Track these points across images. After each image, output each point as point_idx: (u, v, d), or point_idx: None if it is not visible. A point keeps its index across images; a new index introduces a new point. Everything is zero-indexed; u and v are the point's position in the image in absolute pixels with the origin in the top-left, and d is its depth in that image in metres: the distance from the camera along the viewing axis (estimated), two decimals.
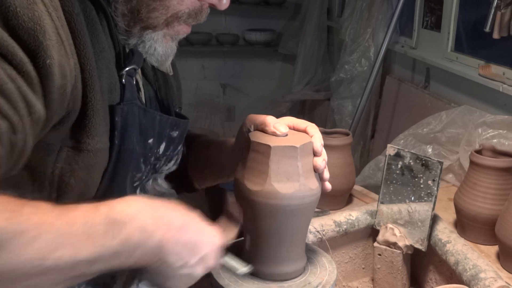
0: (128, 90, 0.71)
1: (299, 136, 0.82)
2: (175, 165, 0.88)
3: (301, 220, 0.80)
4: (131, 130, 0.71)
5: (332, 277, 0.84)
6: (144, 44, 0.75)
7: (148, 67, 0.85)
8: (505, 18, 1.64)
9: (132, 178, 0.75)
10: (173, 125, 0.81)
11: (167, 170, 0.86)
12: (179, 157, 0.87)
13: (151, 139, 0.76)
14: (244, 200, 0.79)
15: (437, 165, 1.13)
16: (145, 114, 0.75)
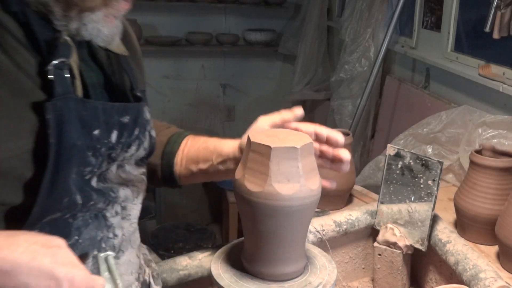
0: (59, 85, 0.68)
1: (299, 136, 0.82)
2: (142, 151, 0.84)
3: (302, 221, 0.80)
4: (69, 125, 0.68)
5: (332, 277, 0.84)
6: (86, 27, 0.73)
7: (101, 51, 0.83)
8: (505, 18, 1.64)
9: (80, 173, 0.72)
10: (121, 111, 0.77)
11: (132, 156, 0.82)
12: (142, 142, 0.83)
13: (96, 130, 0.73)
14: (244, 201, 0.79)
15: (437, 165, 1.13)
16: (84, 106, 0.71)
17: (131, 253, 0.82)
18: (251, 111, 4.06)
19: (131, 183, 0.82)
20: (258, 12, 3.88)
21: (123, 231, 0.80)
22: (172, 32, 3.82)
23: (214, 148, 0.97)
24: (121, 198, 0.79)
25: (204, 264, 1.02)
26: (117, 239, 0.78)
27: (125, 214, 0.81)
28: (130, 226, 0.82)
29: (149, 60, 3.86)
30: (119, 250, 0.79)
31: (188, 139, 1.03)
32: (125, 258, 0.81)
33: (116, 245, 0.78)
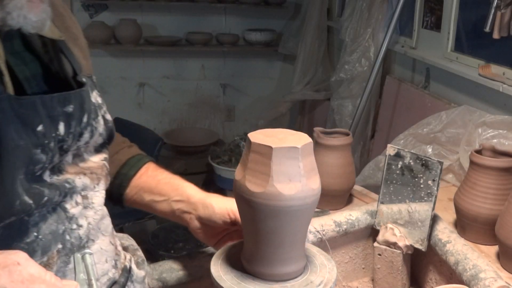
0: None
1: (298, 136, 0.81)
2: (98, 137, 0.81)
3: (303, 220, 0.80)
4: (6, 126, 0.65)
5: (332, 275, 0.84)
6: (11, 15, 0.69)
7: (36, 39, 0.78)
8: (505, 18, 1.64)
9: (30, 172, 0.69)
10: (63, 100, 0.73)
11: (87, 144, 0.79)
12: (95, 128, 0.80)
13: (39, 126, 0.69)
14: (245, 201, 0.79)
15: (437, 165, 1.13)
16: (20, 103, 0.67)
17: (103, 241, 0.80)
18: (251, 111, 4.07)
19: (89, 171, 0.79)
20: (258, 12, 3.88)
21: (87, 220, 0.77)
22: (172, 32, 3.82)
23: (177, 187, 0.96)
24: (79, 187, 0.77)
25: (204, 264, 1.02)
26: (82, 229, 0.76)
27: (87, 203, 0.78)
28: (96, 214, 0.79)
29: (149, 60, 3.86)
30: (88, 240, 0.77)
31: (148, 167, 1.01)
32: (96, 246, 0.78)
33: (83, 235, 0.76)
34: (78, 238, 0.75)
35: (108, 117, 0.85)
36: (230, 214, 0.89)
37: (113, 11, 3.69)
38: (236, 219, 0.88)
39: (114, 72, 3.83)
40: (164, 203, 0.96)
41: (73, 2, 3.61)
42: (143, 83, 3.90)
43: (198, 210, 0.92)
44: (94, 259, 0.77)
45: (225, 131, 4.15)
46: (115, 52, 3.79)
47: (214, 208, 0.90)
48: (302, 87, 3.49)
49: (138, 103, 3.95)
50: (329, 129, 1.48)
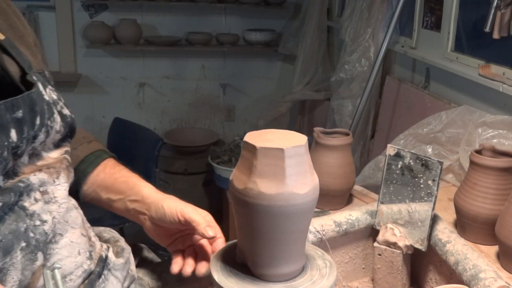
0: None
1: (297, 136, 0.81)
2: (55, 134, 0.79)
3: (301, 221, 0.80)
4: None
5: (332, 275, 0.84)
6: None
7: None
8: (505, 18, 1.64)
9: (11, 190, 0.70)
10: (10, 107, 0.69)
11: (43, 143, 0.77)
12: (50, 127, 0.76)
13: None
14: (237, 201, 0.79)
15: (437, 165, 1.13)
16: None
17: (73, 233, 0.79)
18: (251, 111, 4.07)
19: (46, 167, 0.77)
20: (258, 12, 3.88)
21: (52, 214, 0.76)
22: (172, 32, 3.82)
23: (133, 186, 0.95)
24: (36, 184, 0.74)
25: None
26: (47, 224, 0.74)
27: (48, 198, 0.76)
28: (60, 207, 0.77)
29: (149, 60, 3.86)
30: (55, 234, 0.76)
31: (107, 164, 1.00)
32: (66, 240, 0.77)
33: (48, 230, 0.74)
34: (43, 233, 0.74)
35: (66, 112, 0.81)
36: (180, 216, 0.88)
37: (113, 11, 3.69)
38: (186, 221, 0.88)
39: (114, 72, 3.83)
40: (119, 202, 0.95)
41: (73, 2, 3.61)
42: (143, 83, 3.90)
43: (151, 211, 0.91)
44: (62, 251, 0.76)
45: (225, 131, 4.15)
46: (115, 52, 3.79)
47: (165, 210, 0.89)
48: (302, 87, 3.49)
49: (138, 103, 3.95)
50: (329, 129, 1.48)
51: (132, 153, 2.88)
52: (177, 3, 3.67)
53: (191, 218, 0.87)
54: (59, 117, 0.78)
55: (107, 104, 3.86)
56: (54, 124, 0.77)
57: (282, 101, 3.56)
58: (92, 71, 3.79)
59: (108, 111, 3.76)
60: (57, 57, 3.66)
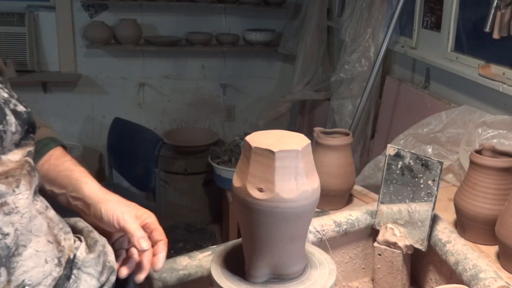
0: None
1: (298, 137, 0.81)
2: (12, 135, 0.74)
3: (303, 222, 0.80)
4: None
5: (332, 275, 0.84)
6: None
7: None
8: (505, 18, 1.64)
9: None
10: None
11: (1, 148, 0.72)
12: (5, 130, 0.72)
13: None
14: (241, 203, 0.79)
15: (437, 165, 1.13)
16: None
17: (37, 242, 0.75)
18: (251, 111, 4.07)
19: (4, 176, 0.72)
20: (258, 12, 3.88)
21: (14, 226, 0.71)
22: (172, 32, 3.82)
23: (76, 182, 0.91)
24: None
25: (204, 264, 1.02)
26: (9, 237, 0.70)
27: (9, 209, 0.71)
28: (22, 218, 0.73)
29: (149, 60, 3.86)
30: (17, 247, 0.71)
31: (52, 154, 0.96)
32: (30, 250, 0.73)
33: (10, 243, 0.70)
34: (5, 248, 0.69)
35: (21, 109, 0.76)
36: (115, 224, 0.85)
37: (113, 11, 3.69)
38: (122, 226, 0.85)
39: (114, 72, 3.83)
40: (62, 196, 0.93)
41: (73, 2, 3.61)
42: (143, 83, 3.90)
43: (90, 212, 0.89)
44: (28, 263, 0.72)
45: (225, 131, 4.15)
46: (115, 52, 3.79)
47: (102, 214, 0.87)
48: (302, 87, 3.49)
49: (138, 103, 3.95)
50: (329, 129, 1.48)
51: (132, 153, 2.88)
52: (177, 3, 3.67)
53: (126, 227, 0.85)
54: (13, 117, 0.73)
55: (107, 104, 3.86)
56: (8, 127, 0.72)
57: (282, 101, 3.56)
58: (92, 71, 3.79)
59: (108, 111, 3.76)
60: (57, 57, 3.66)
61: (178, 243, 2.88)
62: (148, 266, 0.86)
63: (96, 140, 3.90)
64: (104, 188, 0.93)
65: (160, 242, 0.88)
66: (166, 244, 0.89)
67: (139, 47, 3.73)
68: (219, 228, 3.48)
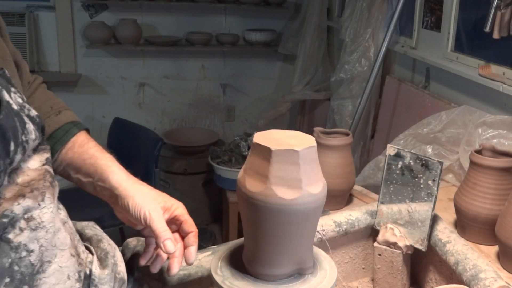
0: None
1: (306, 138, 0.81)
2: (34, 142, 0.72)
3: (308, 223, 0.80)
4: None
5: (332, 275, 0.84)
6: None
7: None
8: (505, 18, 1.64)
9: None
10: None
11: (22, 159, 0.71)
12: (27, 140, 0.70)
13: None
14: (246, 201, 0.79)
15: (437, 165, 1.13)
16: None
17: (62, 257, 0.73)
18: (251, 111, 4.07)
19: (29, 189, 0.69)
20: (258, 12, 3.88)
21: (39, 242, 0.69)
22: (172, 32, 3.82)
23: (102, 171, 0.88)
24: (19, 213, 0.67)
25: (204, 264, 1.02)
26: (33, 255, 0.68)
27: (35, 224, 0.69)
28: (47, 233, 0.70)
29: (149, 60, 3.86)
30: (42, 264, 0.69)
31: (76, 141, 0.92)
32: (54, 266, 0.71)
33: (35, 261, 0.68)
34: (29, 265, 0.67)
35: (33, 113, 0.73)
36: (143, 221, 0.83)
37: (113, 11, 3.69)
38: (149, 226, 0.82)
39: (114, 72, 3.83)
40: (89, 184, 0.89)
41: (73, 2, 3.61)
42: (143, 83, 3.90)
43: (117, 203, 0.86)
44: (50, 279, 0.70)
45: (225, 131, 4.15)
46: (115, 52, 3.79)
47: (129, 209, 0.84)
48: (302, 87, 3.49)
49: (138, 103, 3.95)
50: (329, 129, 1.48)
51: (132, 153, 2.87)
52: (177, 3, 3.67)
53: (153, 226, 0.82)
54: (30, 123, 0.71)
55: (107, 104, 3.86)
56: (29, 136, 0.70)
57: (282, 101, 3.56)
58: (92, 71, 3.79)
59: (108, 111, 3.76)
60: (57, 57, 3.66)
61: None
62: (180, 259, 0.85)
63: (96, 140, 3.89)
64: (132, 176, 0.90)
65: (191, 234, 0.86)
66: (197, 236, 0.87)
67: (139, 47, 3.73)
68: (219, 228, 3.48)
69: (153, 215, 0.82)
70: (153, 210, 0.83)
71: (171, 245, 0.81)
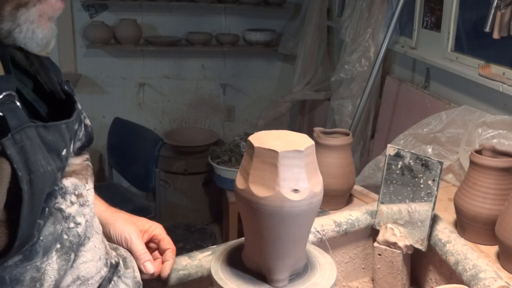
0: (12, 117, 0.63)
1: (301, 138, 0.81)
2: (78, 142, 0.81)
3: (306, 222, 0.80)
4: (34, 155, 0.64)
5: (332, 275, 0.84)
6: (21, 28, 0.67)
7: (18, 53, 0.76)
8: (505, 18, 1.64)
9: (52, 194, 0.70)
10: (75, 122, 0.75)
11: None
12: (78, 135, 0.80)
13: (63, 150, 0.71)
14: (245, 203, 0.79)
15: (437, 165, 1.13)
16: (47, 131, 0.67)
17: (97, 239, 0.80)
18: (251, 111, 4.07)
19: (75, 173, 0.78)
20: (258, 12, 3.88)
21: (85, 217, 0.77)
22: (172, 32, 3.82)
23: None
24: (70, 188, 0.75)
25: (204, 264, 1.02)
26: (80, 227, 0.75)
27: (83, 201, 0.77)
28: (91, 211, 0.79)
29: (149, 60, 3.86)
30: (84, 238, 0.77)
31: None
32: (91, 244, 0.79)
33: (81, 233, 0.75)
34: (76, 235, 0.74)
35: (88, 122, 0.84)
36: (124, 243, 0.92)
37: (113, 11, 3.69)
38: (130, 249, 0.91)
39: (114, 72, 3.83)
40: None
41: (73, 2, 3.61)
42: (143, 83, 3.90)
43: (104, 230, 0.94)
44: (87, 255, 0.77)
45: (225, 131, 4.15)
46: (115, 52, 3.79)
47: (111, 236, 0.92)
48: (302, 87, 3.49)
49: (138, 103, 3.95)
50: (329, 129, 1.48)
51: (132, 153, 2.88)
52: (177, 3, 3.67)
53: (133, 249, 0.91)
54: (83, 125, 0.81)
55: (107, 104, 3.86)
56: (80, 133, 0.80)
57: (282, 101, 3.56)
58: (92, 71, 3.79)
59: (108, 111, 3.76)
60: (57, 57, 3.66)
61: (178, 243, 2.87)
62: (157, 274, 0.94)
63: (96, 140, 3.86)
64: (110, 207, 0.97)
65: (168, 251, 0.94)
66: (174, 252, 0.95)
67: (139, 47, 3.73)
68: (219, 228, 3.48)
69: (133, 237, 0.92)
70: (133, 233, 0.92)
71: (150, 266, 0.90)
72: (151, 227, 0.96)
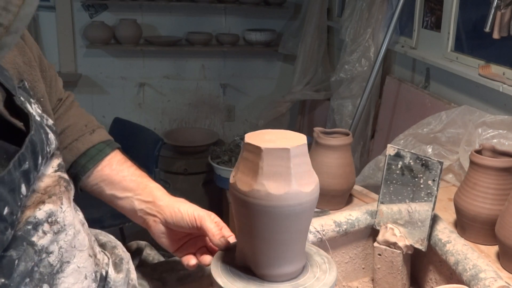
0: None
1: (294, 137, 0.81)
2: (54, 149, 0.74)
3: (301, 221, 0.80)
4: None
5: (333, 270, 0.84)
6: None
7: None
8: (505, 18, 1.64)
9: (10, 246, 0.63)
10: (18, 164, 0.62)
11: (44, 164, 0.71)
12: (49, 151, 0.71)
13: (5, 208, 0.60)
14: (238, 200, 0.79)
15: (437, 165, 1.13)
16: None
17: (80, 258, 0.74)
18: (251, 111, 4.07)
19: (47, 195, 0.70)
20: (258, 12, 3.88)
21: (59, 244, 0.70)
22: (172, 32, 3.83)
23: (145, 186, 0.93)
24: (43, 218, 0.67)
25: None
26: (52, 256, 0.69)
27: (57, 228, 0.70)
28: (67, 235, 0.71)
29: (149, 60, 3.87)
30: (61, 264, 0.70)
31: (112, 160, 0.96)
32: (73, 266, 0.72)
33: (54, 261, 0.69)
34: (48, 266, 0.68)
35: (50, 122, 0.75)
36: (197, 220, 0.89)
37: (113, 11, 3.69)
38: (201, 225, 0.89)
39: (114, 72, 3.84)
40: (126, 200, 0.93)
41: (73, 2, 3.61)
42: (143, 83, 3.90)
43: (164, 214, 0.90)
44: (69, 279, 0.71)
45: (225, 131, 4.15)
46: (115, 52, 3.79)
47: (183, 214, 0.89)
48: (302, 87, 3.49)
49: (138, 103, 3.95)
50: (329, 129, 1.48)
51: (132, 153, 2.86)
52: (177, 3, 3.67)
53: (206, 226, 0.89)
54: (51, 133, 0.73)
55: (107, 104, 3.86)
56: (52, 146, 0.72)
57: (282, 101, 3.56)
58: (92, 71, 3.79)
59: (108, 111, 3.76)
60: (57, 57, 3.66)
61: None
62: None
63: None
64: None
65: (230, 237, 0.93)
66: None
67: (139, 47, 3.73)
68: None
69: (204, 217, 0.90)
70: (201, 212, 0.90)
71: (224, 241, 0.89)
72: (212, 214, 0.94)
